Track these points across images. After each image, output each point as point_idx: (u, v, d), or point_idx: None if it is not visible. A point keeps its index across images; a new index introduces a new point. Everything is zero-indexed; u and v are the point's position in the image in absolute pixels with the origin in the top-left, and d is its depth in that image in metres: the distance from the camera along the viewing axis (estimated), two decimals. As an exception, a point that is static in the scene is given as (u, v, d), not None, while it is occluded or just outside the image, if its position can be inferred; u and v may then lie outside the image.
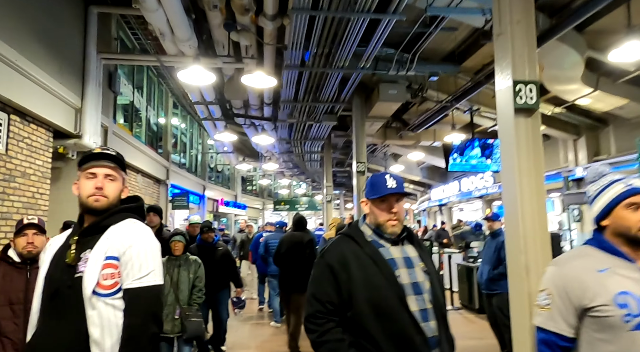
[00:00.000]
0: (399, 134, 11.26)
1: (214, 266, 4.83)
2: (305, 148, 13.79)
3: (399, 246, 1.82)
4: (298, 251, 5.30)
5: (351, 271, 1.72)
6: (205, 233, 5.06)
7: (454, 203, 16.13)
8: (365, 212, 1.90)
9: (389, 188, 1.79)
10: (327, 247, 1.90)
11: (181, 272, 4.05)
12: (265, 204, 26.96)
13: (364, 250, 1.77)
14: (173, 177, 13.40)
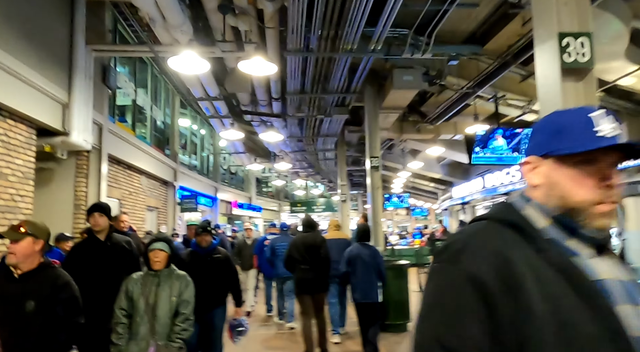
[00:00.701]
0: (417, 127, 10.50)
1: (210, 278, 3.88)
2: (318, 146, 13.16)
3: (606, 256, 0.88)
4: (313, 252, 5.28)
5: (527, 299, 0.78)
6: (200, 235, 4.06)
7: (477, 201, 15.22)
8: (534, 182, 0.93)
9: (604, 137, 0.84)
10: (460, 242, 0.87)
11: (160, 293, 2.99)
12: (282, 206, 26.42)
13: (545, 256, 0.83)
14: (181, 179, 12.94)
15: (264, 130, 10.48)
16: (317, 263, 5.23)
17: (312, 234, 5.51)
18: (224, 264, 4.12)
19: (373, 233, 7.77)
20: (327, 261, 5.30)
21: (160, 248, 3.09)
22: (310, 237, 5.45)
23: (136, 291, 2.98)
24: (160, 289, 3.00)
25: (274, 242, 6.94)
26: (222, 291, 4.10)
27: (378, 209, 7.79)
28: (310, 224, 5.63)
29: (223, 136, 10.25)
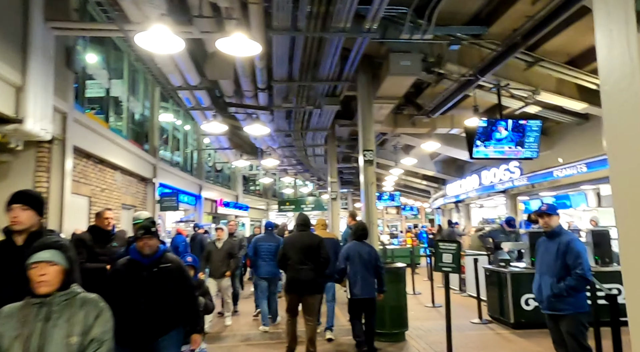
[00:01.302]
0: (412, 120, 9.90)
1: (154, 296, 2.97)
2: (307, 141, 12.49)
3: None
4: (310, 252, 5.12)
5: None
6: (141, 239, 2.96)
7: (472, 199, 14.71)
8: None
9: None
10: None
11: (49, 333, 1.88)
12: (270, 205, 25.70)
13: None
14: (162, 175, 12.17)
15: (249, 123, 9.78)
16: (316, 264, 5.10)
17: (308, 234, 5.36)
18: (175, 276, 3.08)
19: (371, 228, 7.14)
20: (327, 262, 5.17)
21: (47, 259, 1.91)
22: (308, 236, 5.30)
23: (8, 333, 1.87)
24: (50, 327, 1.88)
25: (257, 241, 6.75)
26: (171, 312, 3.05)
27: (372, 206, 7.17)
28: (306, 223, 5.44)
29: (205, 129, 9.53)
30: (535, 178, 9.79)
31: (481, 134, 7.25)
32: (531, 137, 7.19)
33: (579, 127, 9.39)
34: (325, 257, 5.15)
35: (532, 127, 7.16)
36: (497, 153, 7.27)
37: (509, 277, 6.80)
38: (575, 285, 3.49)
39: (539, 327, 6.72)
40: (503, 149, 7.30)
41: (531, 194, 11.35)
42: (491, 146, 7.26)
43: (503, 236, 7.64)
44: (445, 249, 5.30)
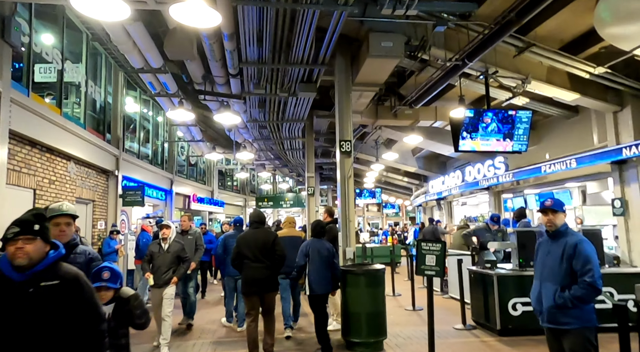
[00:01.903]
0: (394, 111, 9.30)
1: (31, 333, 2.01)
2: (283, 133, 11.79)
3: None
4: (265, 249, 5.06)
5: None
6: (12, 242, 2.05)
7: (454, 196, 14.27)
8: None
9: None
10: None
11: None
12: (248, 201, 24.89)
13: None
14: (126, 168, 11.31)
15: (219, 111, 9.03)
16: (271, 261, 5.05)
17: (263, 230, 5.31)
18: (65, 299, 2.08)
19: (344, 231, 6.52)
20: (282, 259, 5.14)
21: None
22: (262, 233, 5.22)
23: None
24: None
25: (227, 237, 6.50)
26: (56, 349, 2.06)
27: (349, 202, 6.54)
28: (260, 220, 5.39)
29: (170, 116, 8.74)
30: (521, 174, 9.34)
31: (467, 125, 6.70)
32: (520, 129, 6.68)
33: (568, 121, 8.96)
34: (281, 254, 5.10)
35: (521, 119, 6.64)
36: (484, 146, 6.74)
37: (495, 280, 6.28)
38: (582, 295, 2.93)
39: (527, 333, 6.23)
40: (490, 142, 6.77)
41: (516, 191, 10.92)
42: (478, 138, 6.72)
43: (489, 235, 7.13)
44: (428, 250, 4.71)
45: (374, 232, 20.88)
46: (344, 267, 5.96)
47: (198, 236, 6.71)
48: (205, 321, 7.34)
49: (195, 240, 6.64)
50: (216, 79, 9.05)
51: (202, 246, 6.68)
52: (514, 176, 9.47)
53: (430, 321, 4.70)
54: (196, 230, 6.76)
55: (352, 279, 5.79)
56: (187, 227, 6.71)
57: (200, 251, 6.60)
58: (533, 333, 6.12)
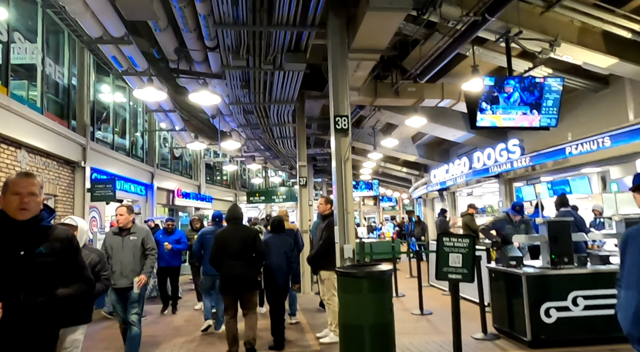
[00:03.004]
0: (395, 88, 8.17)
1: None
2: (272, 118, 10.62)
3: None
4: (245, 247, 4.93)
5: None
6: None
7: (458, 186, 13.20)
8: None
9: None
10: None
11: None
12: (238, 196, 23.72)
13: None
14: (96, 159, 10.13)
15: (195, 90, 7.87)
16: (250, 259, 4.94)
17: (242, 227, 5.20)
18: None
19: (341, 225, 5.41)
20: (261, 256, 5.05)
21: None
22: (242, 230, 5.10)
23: None
24: None
25: (204, 233, 6.24)
26: None
27: (347, 190, 5.42)
28: (237, 216, 5.22)
29: (138, 96, 7.57)
30: (540, 158, 8.25)
31: (487, 97, 5.59)
32: (549, 100, 5.59)
33: (596, 95, 7.87)
34: (260, 251, 5.00)
35: (551, 87, 5.55)
36: (506, 120, 5.64)
37: (524, 280, 5.20)
38: None
39: (563, 345, 5.15)
40: (513, 116, 5.67)
41: (530, 178, 9.86)
42: (499, 112, 5.61)
43: (510, 227, 6.04)
44: (452, 247, 3.60)
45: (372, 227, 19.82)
46: (341, 269, 4.86)
47: (147, 236, 4.77)
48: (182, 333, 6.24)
49: (143, 242, 4.71)
50: (192, 54, 7.90)
51: (153, 249, 4.77)
52: (531, 160, 8.40)
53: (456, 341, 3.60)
54: (142, 227, 4.90)
55: (352, 284, 4.67)
56: (127, 224, 4.69)
57: (152, 257, 4.68)
58: (570, 344, 5.09)
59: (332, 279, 5.64)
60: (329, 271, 5.65)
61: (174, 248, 7.41)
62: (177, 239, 7.52)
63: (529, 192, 11.95)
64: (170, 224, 7.73)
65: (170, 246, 7.34)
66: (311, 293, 9.61)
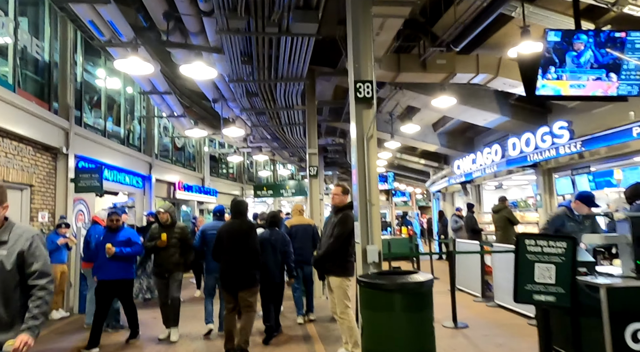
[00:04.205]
0: (423, 59, 6.94)
1: None
2: (278, 100, 9.46)
3: None
4: (238, 242, 4.80)
5: None
6: None
7: (484, 179, 11.94)
8: None
9: None
10: None
11: None
12: (245, 190, 22.64)
13: None
14: (82, 146, 9.05)
15: (187, 61, 6.72)
16: (242, 255, 4.76)
17: (240, 222, 4.97)
18: None
19: (363, 220, 4.23)
20: (253, 253, 4.83)
21: None
22: (238, 225, 4.92)
23: None
24: None
25: (205, 228, 5.91)
26: None
27: (371, 176, 4.25)
28: (238, 210, 5.04)
29: (120, 67, 6.44)
30: (596, 142, 6.97)
31: (550, 57, 4.34)
32: (632, 62, 4.34)
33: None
34: (253, 248, 4.85)
35: (634, 44, 4.31)
36: (574, 88, 4.40)
37: (604, 294, 3.99)
38: None
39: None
40: (584, 82, 4.42)
41: (575, 167, 8.56)
42: (565, 76, 4.37)
43: (572, 225, 4.81)
44: (540, 255, 2.39)
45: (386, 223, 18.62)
46: (364, 278, 3.69)
47: (32, 247, 2.27)
48: None
49: (22, 259, 2.28)
50: (186, 22, 6.78)
51: (47, 277, 2.29)
52: (583, 144, 7.12)
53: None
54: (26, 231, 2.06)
55: (380, 299, 3.52)
56: None
57: (41, 296, 2.22)
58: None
59: (344, 286, 4.49)
60: (340, 277, 4.49)
61: (120, 252, 5.33)
62: (124, 239, 5.49)
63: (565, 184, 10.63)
64: (115, 219, 5.54)
65: (114, 249, 5.28)
66: (322, 297, 8.47)
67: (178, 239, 5.59)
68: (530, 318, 6.24)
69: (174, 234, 5.59)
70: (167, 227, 5.61)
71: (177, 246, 5.58)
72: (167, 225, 5.63)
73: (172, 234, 5.57)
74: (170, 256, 5.53)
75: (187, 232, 5.75)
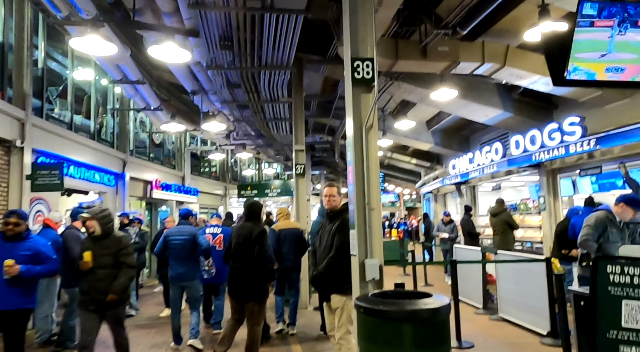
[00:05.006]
0: (423, 45, 6.21)
1: None
2: (262, 92, 8.64)
3: None
4: (246, 247, 4.43)
5: None
6: None
7: (481, 180, 11.31)
8: None
9: None
10: None
11: None
12: (229, 190, 21.69)
13: None
14: (42, 139, 8.12)
15: (157, 41, 5.86)
16: (250, 262, 4.38)
17: (250, 225, 4.55)
18: None
19: (360, 226, 3.47)
20: (262, 261, 4.42)
21: None
22: (246, 228, 4.54)
23: None
24: None
25: (169, 233, 5.60)
26: None
27: (369, 174, 3.49)
28: (251, 211, 4.67)
29: (76, 46, 5.54)
30: (612, 140, 6.33)
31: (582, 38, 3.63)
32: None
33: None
34: (259, 254, 4.39)
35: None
36: (611, 72, 3.71)
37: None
38: None
39: None
40: (624, 65, 3.73)
41: (585, 167, 7.94)
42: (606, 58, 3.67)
43: (616, 232, 4.12)
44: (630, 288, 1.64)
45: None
46: (363, 302, 2.92)
47: None
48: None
49: None
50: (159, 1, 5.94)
51: None
52: (598, 142, 6.48)
53: None
54: None
55: (384, 331, 2.76)
56: None
57: None
58: None
59: (347, 307, 3.73)
60: (344, 296, 3.72)
61: (27, 271, 3.79)
62: (29, 253, 3.90)
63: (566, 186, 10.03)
64: (13, 223, 3.86)
65: (17, 268, 3.72)
66: (309, 308, 7.70)
67: (113, 257, 3.96)
68: (542, 336, 5.57)
69: (105, 251, 3.95)
70: (97, 240, 3.98)
71: (110, 265, 3.95)
72: (97, 237, 3.98)
73: (102, 251, 3.93)
74: (98, 280, 3.89)
75: (125, 246, 4.05)
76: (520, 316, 6.14)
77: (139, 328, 6.60)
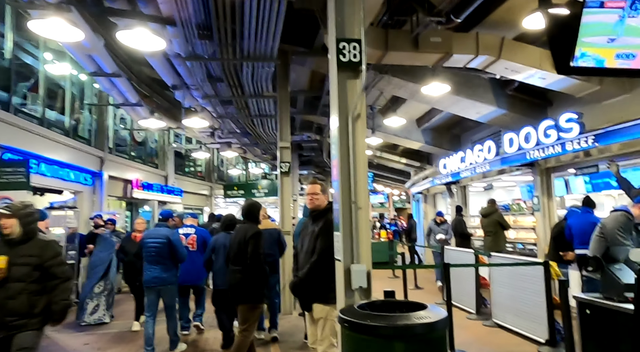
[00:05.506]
0: (414, 35, 5.85)
1: None
2: (246, 86, 8.20)
3: None
4: (239, 249, 4.33)
5: None
6: None
7: (472, 179, 11.01)
8: None
9: None
10: None
11: None
12: (214, 190, 21.17)
13: None
14: (9, 135, 7.62)
15: (128, 26, 5.39)
16: (243, 265, 4.26)
17: (246, 227, 4.41)
18: None
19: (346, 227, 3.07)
20: (256, 263, 4.23)
21: None
22: (242, 230, 4.43)
23: None
24: None
25: (146, 236, 5.28)
26: None
27: (356, 169, 3.11)
28: (249, 212, 4.49)
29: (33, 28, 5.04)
30: (612, 137, 6.04)
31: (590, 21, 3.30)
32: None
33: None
34: (253, 256, 4.22)
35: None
36: (622, 60, 3.39)
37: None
38: None
39: None
40: (635, 50, 3.41)
41: (580, 166, 7.66)
42: (616, 43, 3.34)
43: (635, 235, 3.81)
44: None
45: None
46: (347, 314, 2.52)
47: None
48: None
49: None
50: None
51: None
52: (596, 140, 6.18)
53: None
54: None
55: (374, 349, 2.37)
56: None
57: None
58: None
59: (331, 318, 3.33)
60: (328, 306, 3.33)
61: None
62: None
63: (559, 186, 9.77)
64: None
65: None
66: (294, 313, 7.30)
67: (34, 268, 3.09)
68: (540, 344, 5.24)
69: (23, 259, 3.08)
70: (14, 245, 3.11)
71: (29, 278, 3.07)
72: (15, 240, 3.10)
73: (19, 259, 3.07)
74: (9, 297, 3.00)
75: (55, 255, 3.21)
76: (516, 322, 5.81)
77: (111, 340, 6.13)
